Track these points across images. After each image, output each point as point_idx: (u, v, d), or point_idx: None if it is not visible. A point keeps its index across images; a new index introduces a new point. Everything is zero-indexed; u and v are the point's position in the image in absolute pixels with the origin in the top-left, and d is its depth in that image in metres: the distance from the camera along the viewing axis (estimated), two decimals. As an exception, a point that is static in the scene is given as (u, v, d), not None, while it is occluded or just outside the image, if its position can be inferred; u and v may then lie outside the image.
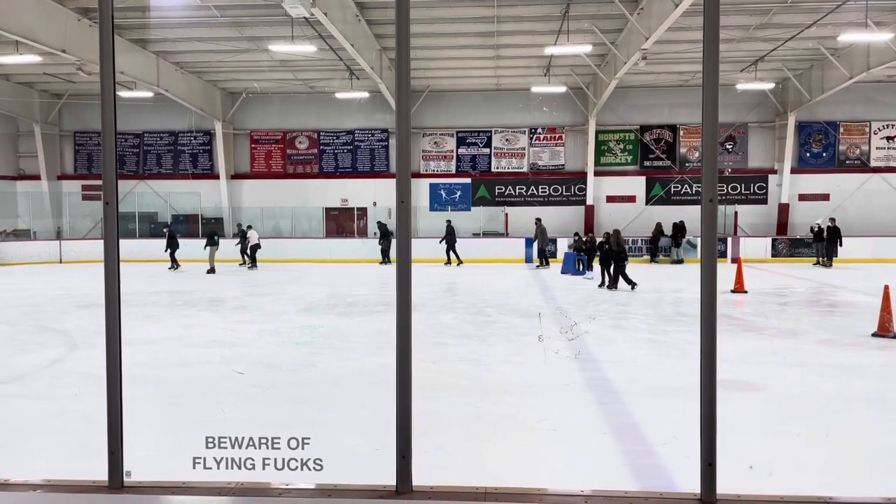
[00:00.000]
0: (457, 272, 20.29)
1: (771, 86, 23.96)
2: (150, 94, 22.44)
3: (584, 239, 19.16)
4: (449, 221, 23.24)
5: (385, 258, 22.59)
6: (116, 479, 2.55)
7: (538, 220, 22.52)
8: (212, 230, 21.37)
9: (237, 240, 22.18)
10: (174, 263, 20.64)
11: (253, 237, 21.49)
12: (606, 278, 15.77)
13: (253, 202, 26.79)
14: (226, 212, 26.77)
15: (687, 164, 25.95)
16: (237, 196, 27.17)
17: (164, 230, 22.22)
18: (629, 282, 15.28)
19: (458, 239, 22.50)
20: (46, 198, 26.84)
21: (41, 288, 16.50)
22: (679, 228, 23.34)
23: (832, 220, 21.84)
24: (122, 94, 21.93)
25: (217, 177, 26.79)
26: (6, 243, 23.83)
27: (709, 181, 2.40)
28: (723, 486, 2.50)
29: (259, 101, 26.66)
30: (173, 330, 10.76)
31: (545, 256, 21.74)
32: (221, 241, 20.98)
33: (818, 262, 21.87)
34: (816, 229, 22.08)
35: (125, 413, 2.67)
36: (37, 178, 26.81)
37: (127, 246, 21.50)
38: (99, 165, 26.66)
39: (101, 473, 2.61)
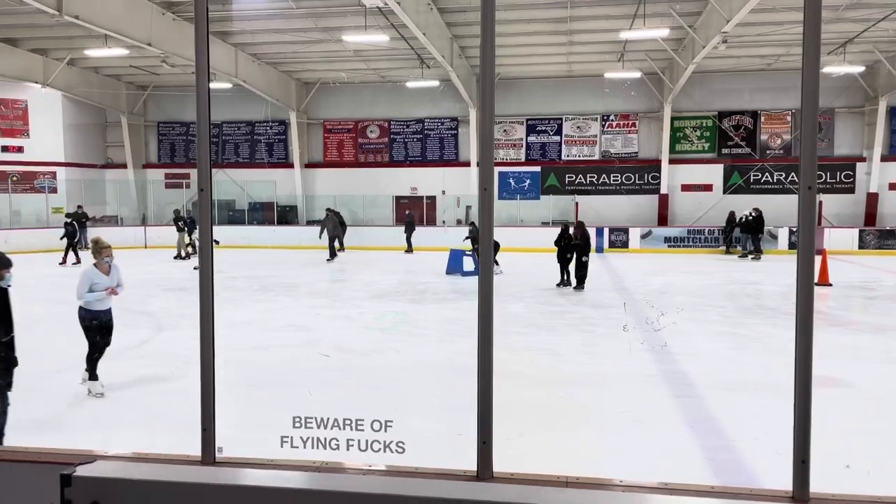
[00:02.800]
0: (517, 262, 20.16)
1: (861, 69, 22.66)
2: (228, 86, 23.14)
3: (571, 233, 14.15)
4: (409, 212, 23.29)
5: (409, 247, 22.65)
6: (209, 455, 2.66)
7: (328, 210, 21.63)
8: (179, 216, 20.58)
9: (321, 228, 21.00)
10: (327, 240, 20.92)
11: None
12: (565, 277, 13.95)
13: (326, 191, 27.33)
14: (300, 200, 27.42)
15: (768, 152, 24.93)
16: (311, 185, 27.77)
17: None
18: (582, 280, 13.62)
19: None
20: (132, 186, 28.13)
21: (128, 272, 17.28)
22: (757, 219, 22.47)
23: (756, 209, 21.43)
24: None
25: (291, 166, 27.45)
26: (95, 228, 25.10)
27: (808, 168, 2.29)
28: (816, 485, 2.40)
29: (332, 90, 27.11)
30: (252, 314, 11.12)
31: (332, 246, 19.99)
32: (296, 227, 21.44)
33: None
34: (743, 219, 21.41)
35: (219, 393, 2.77)
36: (123, 167, 28.11)
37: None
38: (181, 155, 27.84)
39: (192, 449, 2.73)
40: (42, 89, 23.33)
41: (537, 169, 26.48)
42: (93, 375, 6.36)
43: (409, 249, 22.50)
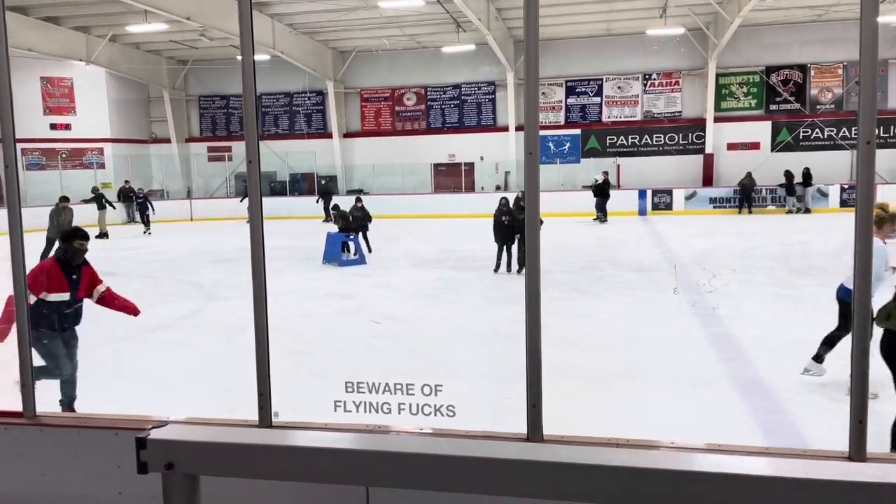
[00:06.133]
0: (557, 227, 20.00)
1: (919, 15, 21.59)
2: (266, 57, 23.22)
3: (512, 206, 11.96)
4: (326, 180, 22.87)
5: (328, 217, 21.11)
6: (266, 419, 2.75)
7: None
8: (99, 193, 20.14)
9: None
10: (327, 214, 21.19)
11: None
12: (506, 258, 11.62)
13: (364, 160, 27.41)
14: (339, 170, 27.58)
15: (818, 107, 24.04)
16: (349, 154, 27.88)
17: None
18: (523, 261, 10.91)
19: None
20: (176, 160, 28.64)
21: (176, 244, 17.76)
22: (805, 176, 21.85)
23: (605, 172, 21.19)
24: (240, 57, 22.79)
25: (330, 136, 27.57)
26: (158, 203, 25.72)
27: (867, 122, 2.22)
28: (871, 446, 2.37)
29: (368, 59, 27.00)
30: (295, 283, 11.31)
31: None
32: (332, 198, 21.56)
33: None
34: (595, 182, 21.03)
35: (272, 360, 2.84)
36: (167, 141, 28.60)
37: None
38: (222, 128, 28.09)
39: (249, 415, 2.82)
40: (86, 66, 23.78)
41: (577, 132, 26.06)
42: None
43: (328, 219, 20.82)
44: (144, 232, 20.15)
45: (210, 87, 28.49)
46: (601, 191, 20.80)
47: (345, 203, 16.85)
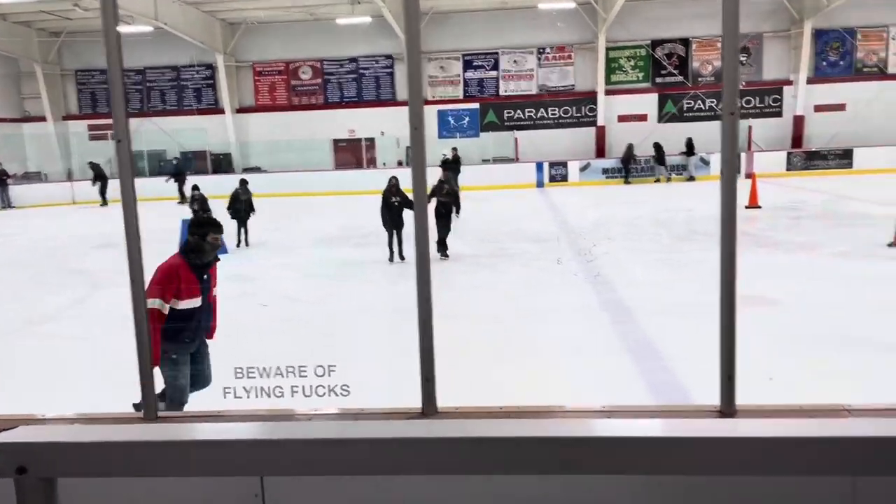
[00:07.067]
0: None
1: (787, -8, 23.06)
2: (149, 29, 21.93)
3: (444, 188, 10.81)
4: (177, 159, 22.55)
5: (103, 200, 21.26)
6: (151, 411, 2.63)
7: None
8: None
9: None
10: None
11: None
12: (397, 248, 10.44)
13: (260, 136, 26.54)
14: (233, 147, 26.59)
15: (700, 79, 25.30)
16: (244, 131, 26.91)
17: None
18: (445, 247, 10.50)
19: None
20: (54, 139, 26.68)
21: (58, 230, 16.65)
22: (688, 145, 23.05)
23: (454, 148, 21.83)
24: (121, 29, 21.29)
25: (222, 111, 26.47)
26: (18, 186, 23.90)
27: (730, 94, 2.34)
28: (742, 398, 2.54)
29: (260, 31, 26.03)
30: (191, 266, 10.87)
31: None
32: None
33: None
34: (444, 158, 21.15)
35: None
36: (42, 119, 26.58)
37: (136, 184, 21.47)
38: (104, 104, 26.48)
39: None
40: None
41: (476, 106, 26.26)
42: None
43: (182, 201, 20.11)
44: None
45: (87, 60, 26.64)
46: (451, 167, 21.19)
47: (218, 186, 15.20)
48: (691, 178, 22.82)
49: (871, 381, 4.83)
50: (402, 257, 10.30)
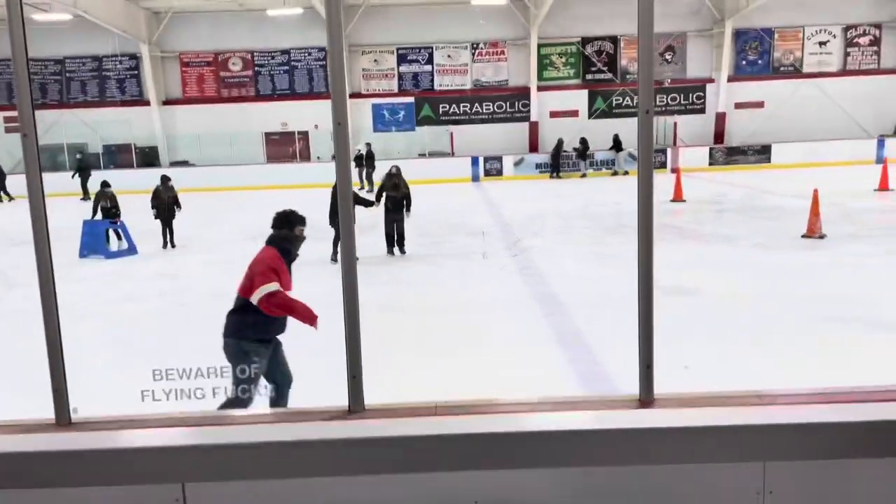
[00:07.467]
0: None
1: (710, -8, 23.88)
2: (67, 17, 20.96)
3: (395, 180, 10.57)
4: (80, 154, 22.05)
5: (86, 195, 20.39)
6: (63, 416, 2.52)
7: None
8: None
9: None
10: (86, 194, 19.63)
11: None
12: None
13: (188, 129, 25.75)
14: (160, 140, 25.71)
15: (628, 76, 25.96)
16: (171, 123, 26.05)
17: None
18: (400, 243, 10.47)
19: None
20: (-38, 132, 25.24)
21: (-32, 227, 15.73)
22: (616, 141, 23.65)
23: (368, 144, 22.67)
24: (36, 16, 20.41)
25: (147, 103, 25.56)
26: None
27: (645, 92, 2.40)
28: (661, 387, 2.61)
29: (186, 20, 25.22)
30: (115, 265, 10.49)
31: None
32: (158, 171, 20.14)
33: None
34: (357, 153, 22.17)
35: (71, 350, 2.61)
36: (-49, 110, 25.11)
37: (56, 180, 20.48)
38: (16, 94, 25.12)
39: (50, 412, 2.57)
40: None
41: (411, 100, 26.20)
42: None
43: (86, 197, 19.92)
44: None
45: (3, 49, 25.24)
46: (366, 162, 21.28)
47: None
48: (625, 173, 23.38)
49: (783, 369, 5.06)
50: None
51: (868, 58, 25.66)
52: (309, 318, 3.93)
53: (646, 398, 2.50)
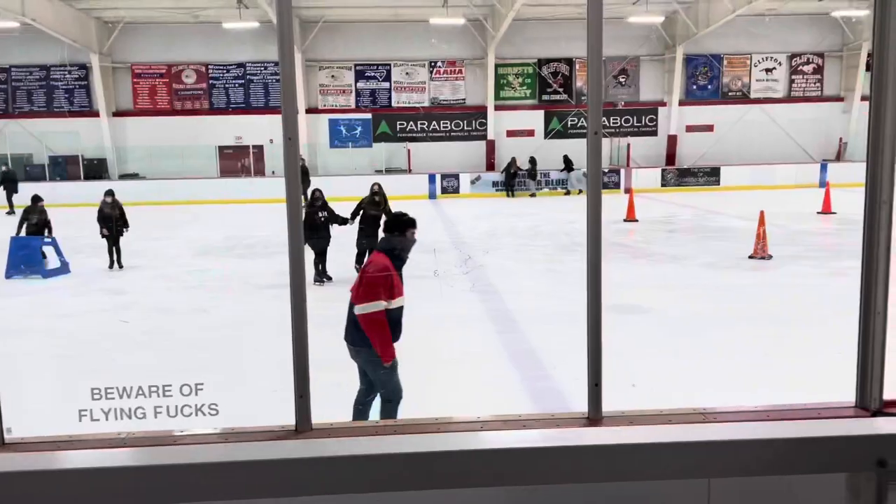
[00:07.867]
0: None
1: (661, 19, 24.55)
2: (15, 24, 20.40)
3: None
4: (6, 166, 21.35)
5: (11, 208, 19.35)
6: (-4, 438, 2.41)
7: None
8: None
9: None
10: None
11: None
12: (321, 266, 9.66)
13: (139, 141, 25.20)
14: (109, 152, 25.09)
15: (583, 98, 26.41)
16: (121, 135, 25.46)
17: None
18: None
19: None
20: None
21: None
22: (566, 161, 24.06)
23: (302, 159, 23.10)
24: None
25: (97, 114, 24.96)
26: None
27: (594, 114, 2.44)
28: (609, 405, 2.63)
29: (139, 31, 24.79)
30: (60, 279, 10.15)
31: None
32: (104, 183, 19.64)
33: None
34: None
35: (7, 367, 2.51)
36: None
37: (-1, 191, 19.80)
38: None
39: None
40: None
41: (368, 116, 26.20)
42: None
43: (12, 211, 18.97)
44: None
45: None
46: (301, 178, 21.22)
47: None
48: (579, 192, 23.72)
49: (728, 387, 5.17)
50: (322, 279, 9.51)
51: (812, 85, 26.70)
52: (385, 352, 4.00)
53: (594, 416, 2.52)
